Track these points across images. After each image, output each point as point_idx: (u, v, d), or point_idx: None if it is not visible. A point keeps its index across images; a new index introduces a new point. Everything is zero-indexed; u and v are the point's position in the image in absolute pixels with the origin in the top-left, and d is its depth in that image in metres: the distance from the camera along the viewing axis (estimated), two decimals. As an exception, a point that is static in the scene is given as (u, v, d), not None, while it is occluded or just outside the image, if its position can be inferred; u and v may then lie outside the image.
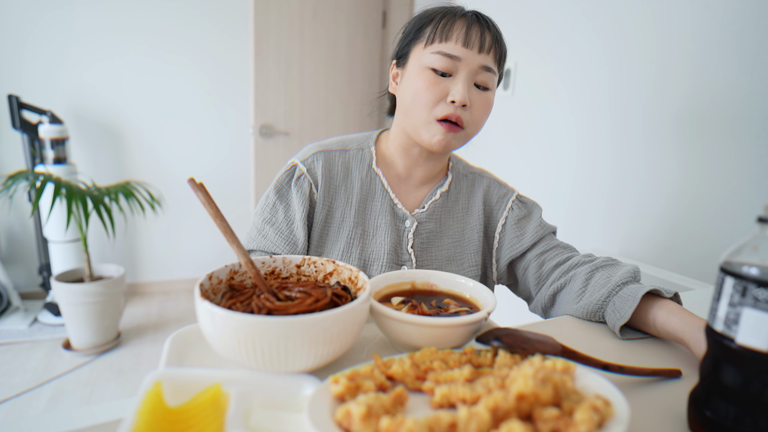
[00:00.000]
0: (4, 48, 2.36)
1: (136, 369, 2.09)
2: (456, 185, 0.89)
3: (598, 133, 1.42)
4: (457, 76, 0.75)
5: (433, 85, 0.74)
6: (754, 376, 0.39)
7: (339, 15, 2.60)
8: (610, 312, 0.67)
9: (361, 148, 0.87)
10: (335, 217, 0.83)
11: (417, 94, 0.75)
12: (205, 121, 2.80)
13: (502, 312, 1.21)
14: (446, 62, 0.74)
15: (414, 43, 0.79)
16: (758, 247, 0.39)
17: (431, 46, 0.75)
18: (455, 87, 0.74)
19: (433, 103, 0.75)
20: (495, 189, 0.90)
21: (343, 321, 0.45)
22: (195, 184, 0.50)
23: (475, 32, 0.74)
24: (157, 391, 0.39)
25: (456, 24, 0.75)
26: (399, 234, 0.84)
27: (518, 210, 0.87)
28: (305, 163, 0.83)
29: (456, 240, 0.87)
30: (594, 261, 0.77)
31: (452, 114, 0.74)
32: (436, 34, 0.75)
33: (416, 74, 0.76)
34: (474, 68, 0.74)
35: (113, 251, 2.77)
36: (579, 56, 1.47)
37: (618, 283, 0.69)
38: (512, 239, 0.85)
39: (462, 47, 0.74)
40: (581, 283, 0.74)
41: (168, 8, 2.59)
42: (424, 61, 0.75)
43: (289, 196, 0.82)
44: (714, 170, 1.09)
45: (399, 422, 0.34)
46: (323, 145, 0.86)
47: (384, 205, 0.84)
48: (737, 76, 1.03)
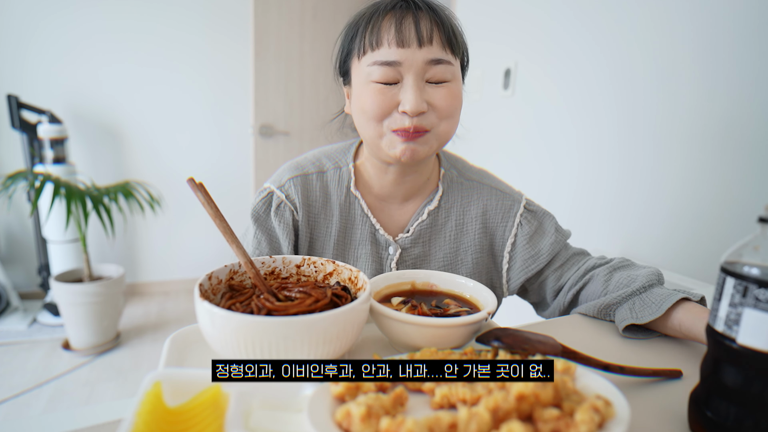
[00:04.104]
0: (4, 48, 2.36)
1: (136, 369, 2.09)
2: (447, 199, 0.79)
3: (603, 132, 1.42)
4: (403, 81, 0.65)
5: (379, 96, 0.65)
6: (754, 377, 0.39)
7: (339, 15, 2.60)
8: (624, 310, 0.64)
9: (339, 167, 0.78)
10: (316, 248, 0.78)
11: (364, 110, 0.67)
12: (205, 121, 2.80)
13: (502, 312, 1.21)
14: (386, 71, 0.64)
15: (350, 58, 0.70)
16: (759, 247, 0.39)
17: (365, 57, 0.66)
18: (404, 95, 0.64)
19: (382, 115, 0.66)
20: (498, 201, 0.79)
21: (343, 321, 0.45)
22: (195, 184, 0.50)
23: (407, 25, 0.63)
24: (156, 392, 0.39)
25: (383, 23, 0.64)
26: (381, 263, 0.77)
27: (528, 225, 0.78)
28: (282, 189, 0.76)
29: (447, 263, 0.79)
30: (611, 262, 0.75)
31: (408, 126, 0.64)
32: (366, 42, 0.65)
33: (361, 89, 0.67)
34: (420, 67, 0.64)
35: (113, 251, 2.77)
36: (583, 56, 1.47)
37: (642, 285, 0.66)
38: (526, 259, 0.77)
39: (397, 48, 0.63)
40: (601, 284, 0.71)
41: (168, 9, 2.59)
42: (364, 73, 0.66)
43: (269, 226, 0.76)
44: (715, 171, 1.09)
45: (399, 423, 0.34)
46: (299, 166, 0.78)
47: (364, 232, 0.77)
48: (741, 80, 1.03)
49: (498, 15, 1.86)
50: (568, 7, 1.50)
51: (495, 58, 1.86)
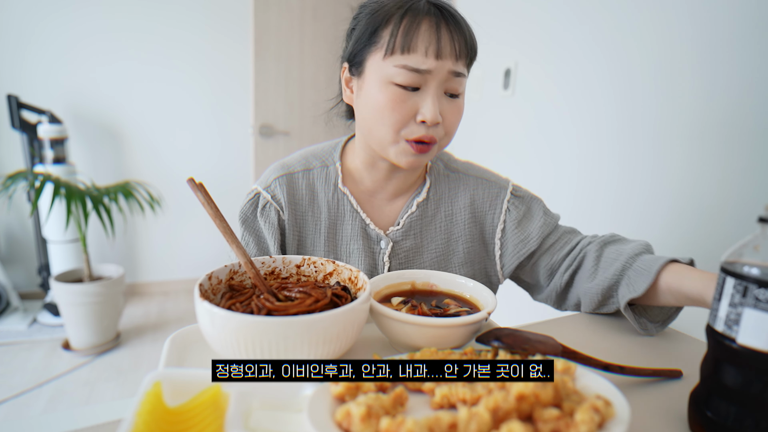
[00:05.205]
0: (4, 48, 2.36)
1: (136, 369, 2.09)
2: (436, 191, 0.80)
3: (602, 132, 1.42)
4: (425, 89, 0.64)
5: (398, 103, 0.64)
6: (754, 377, 0.39)
7: (339, 15, 2.60)
8: (622, 288, 0.66)
9: (326, 165, 0.78)
10: (306, 246, 0.77)
11: (381, 113, 0.65)
12: (204, 121, 2.80)
13: (502, 312, 1.21)
14: (413, 77, 0.63)
15: (369, 50, 0.66)
16: (759, 247, 0.39)
17: (392, 57, 0.63)
18: (425, 104, 0.64)
19: (400, 123, 0.65)
20: (484, 190, 0.80)
21: (343, 321, 0.45)
22: (194, 184, 0.50)
23: (445, 37, 0.63)
24: (156, 392, 0.39)
25: (420, 29, 0.62)
26: (374, 257, 0.78)
27: (516, 210, 0.79)
28: (268, 189, 0.76)
29: (440, 254, 0.80)
30: (602, 237, 0.76)
31: (424, 136, 0.65)
32: (397, 44, 0.63)
33: (377, 89, 0.65)
34: (444, 77, 0.64)
35: (113, 251, 2.77)
36: (583, 56, 1.47)
37: (630, 255, 0.67)
38: (516, 244, 0.78)
39: (434, 59, 0.63)
40: (593, 261, 0.72)
41: (168, 9, 2.59)
42: (385, 73, 0.64)
43: (257, 227, 0.76)
44: (715, 171, 1.09)
45: (399, 423, 0.34)
46: (285, 165, 0.78)
47: (355, 227, 0.77)
48: (741, 80, 1.03)
49: (498, 15, 1.86)
50: (568, 7, 1.50)
51: (495, 58, 1.86)
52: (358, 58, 0.68)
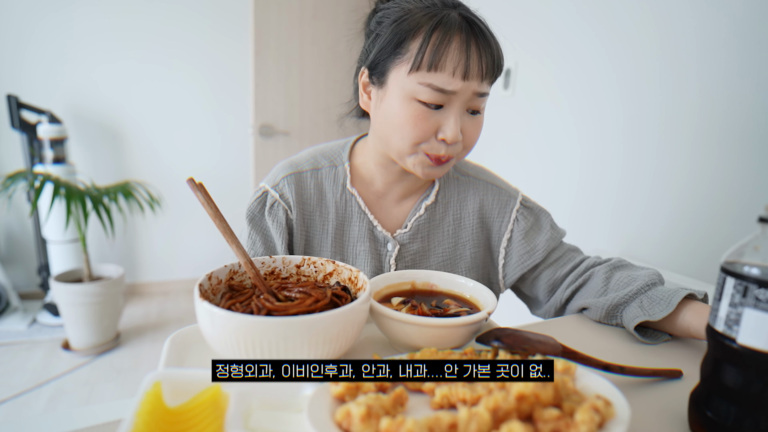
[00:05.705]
0: (4, 48, 2.35)
1: (136, 369, 2.09)
2: (444, 194, 0.79)
3: (604, 132, 1.42)
4: (449, 107, 0.63)
5: (420, 120, 0.63)
6: (754, 377, 0.39)
7: (339, 15, 2.60)
8: (633, 308, 0.64)
9: (334, 165, 0.77)
10: (313, 246, 0.77)
11: (401, 127, 0.64)
12: (204, 121, 2.80)
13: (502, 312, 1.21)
14: (437, 96, 0.62)
15: (394, 61, 0.64)
16: (759, 247, 0.39)
17: (417, 73, 0.62)
18: (447, 123, 0.63)
19: (420, 138, 0.65)
20: (494, 196, 0.79)
21: (343, 321, 0.45)
22: (194, 184, 0.50)
23: (473, 57, 0.61)
24: (156, 392, 0.39)
25: (451, 48, 0.60)
26: (381, 259, 0.77)
27: (524, 221, 0.78)
28: (276, 188, 0.75)
29: (446, 258, 0.79)
30: (610, 261, 0.75)
31: (443, 155, 0.65)
32: (425, 60, 0.61)
33: (399, 103, 0.64)
34: (468, 97, 0.64)
35: (112, 251, 2.77)
36: (583, 56, 1.47)
37: (646, 283, 0.66)
38: (522, 255, 0.77)
39: (461, 81, 0.61)
40: (601, 281, 0.71)
41: (168, 9, 2.59)
42: (410, 89, 0.62)
43: (264, 225, 0.75)
44: (716, 171, 1.09)
45: (399, 423, 0.34)
46: (294, 164, 0.77)
47: (362, 229, 0.76)
48: (742, 81, 1.03)
49: (498, 15, 1.86)
50: (568, 7, 1.50)
51: (495, 58, 1.86)
52: (381, 68, 0.66)
